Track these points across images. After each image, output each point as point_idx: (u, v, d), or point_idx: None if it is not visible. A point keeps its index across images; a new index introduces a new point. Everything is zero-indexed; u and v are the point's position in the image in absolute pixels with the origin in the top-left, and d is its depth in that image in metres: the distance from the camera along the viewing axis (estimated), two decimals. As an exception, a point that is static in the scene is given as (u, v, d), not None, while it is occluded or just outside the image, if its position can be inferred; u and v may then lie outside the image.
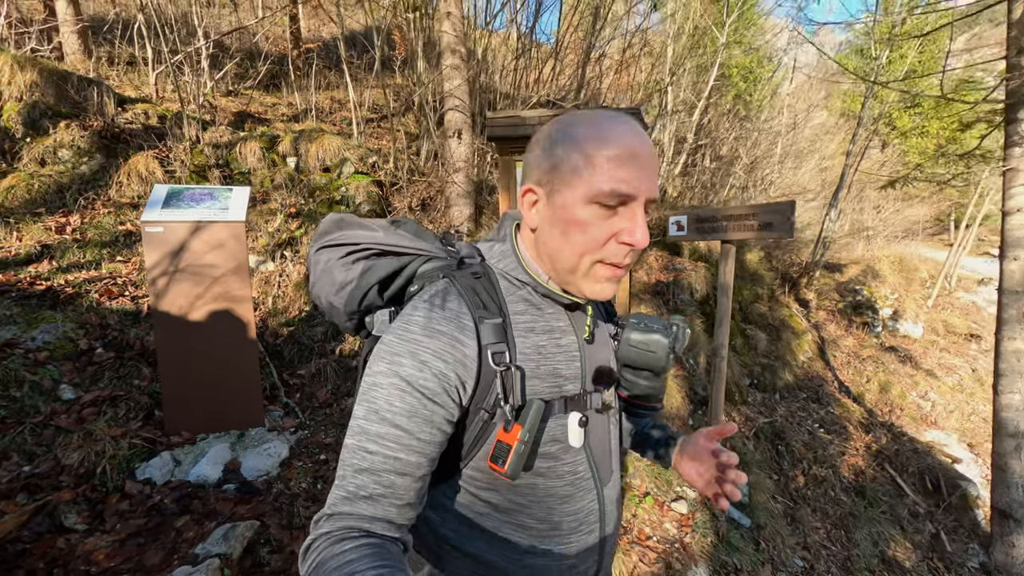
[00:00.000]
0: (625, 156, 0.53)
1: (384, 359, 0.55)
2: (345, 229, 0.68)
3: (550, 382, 0.61)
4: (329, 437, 2.32)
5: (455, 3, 3.47)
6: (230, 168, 3.76)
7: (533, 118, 2.52)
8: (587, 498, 0.65)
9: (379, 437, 0.52)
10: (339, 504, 0.51)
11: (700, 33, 7.41)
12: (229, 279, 2.17)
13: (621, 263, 0.57)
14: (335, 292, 0.67)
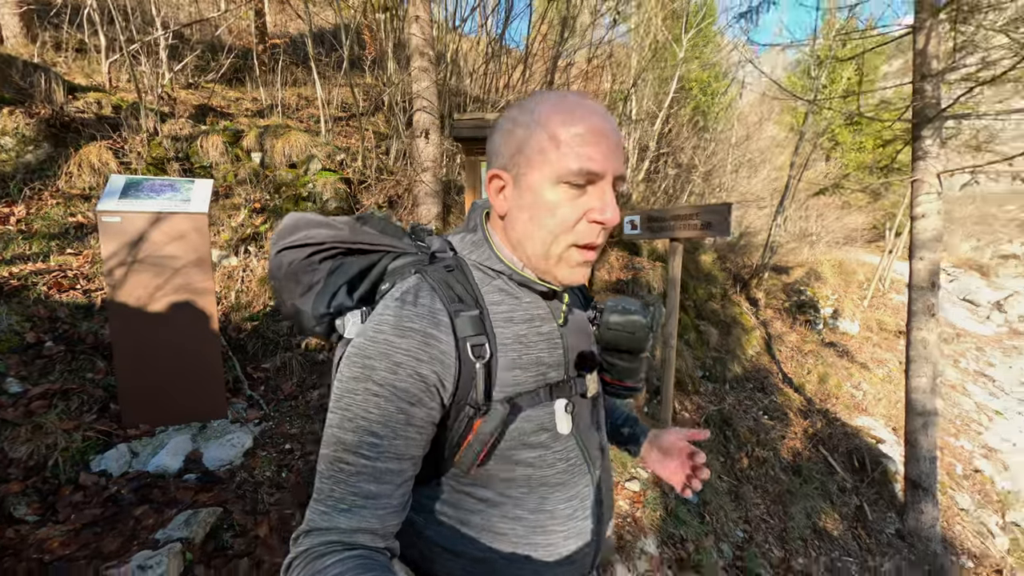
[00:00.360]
0: (591, 134, 0.53)
1: (356, 364, 0.52)
2: (307, 229, 0.65)
3: (533, 371, 0.60)
4: (294, 428, 2.34)
5: (423, 7, 3.56)
6: (190, 162, 3.67)
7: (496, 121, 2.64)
8: (581, 483, 0.64)
9: (356, 446, 0.50)
10: (318, 520, 0.50)
11: (661, 47, 7.80)
12: (191, 271, 2.16)
13: (594, 243, 0.57)
14: (300, 295, 0.64)
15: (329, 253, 0.63)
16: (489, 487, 0.59)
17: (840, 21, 6.39)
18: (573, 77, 7.93)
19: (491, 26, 6.18)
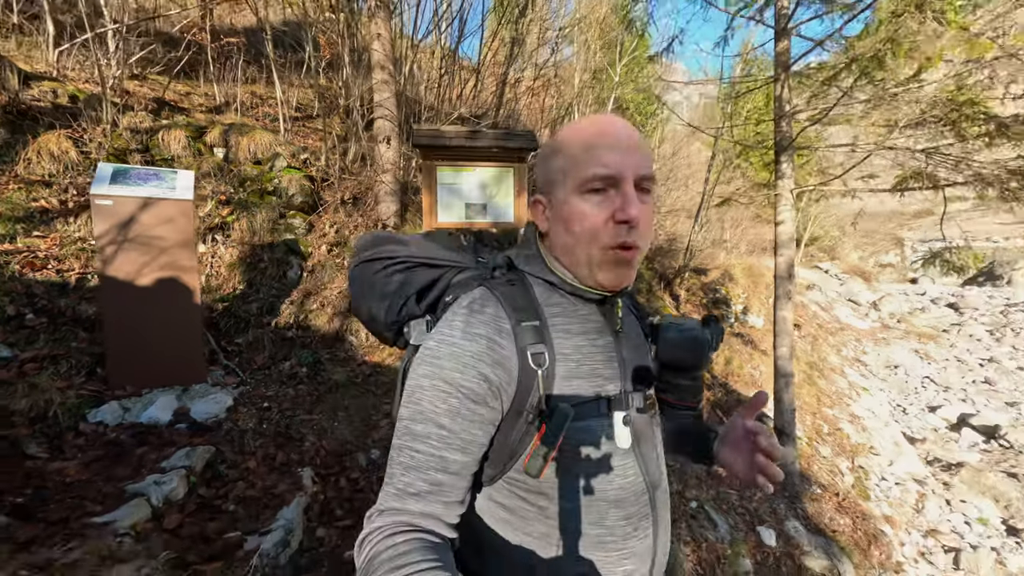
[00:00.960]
0: (602, 143, 0.58)
1: (427, 363, 0.57)
2: (382, 245, 0.74)
3: (591, 381, 0.62)
4: (270, 391, 2.66)
5: (384, 26, 3.98)
6: (151, 154, 3.80)
7: (451, 132, 3.13)
8: (639, 502, 0.64)
9: (425, 437, 0.55)
10: (390, 500, 0.54)
11: (599, 70, 8.69)
12: (176, 251, 2.44)
13: (626, 242, 0.59)
14: (376, 303, 0.72)
15: (400, 266, 0.71)
16: (548, 496, 0.60)
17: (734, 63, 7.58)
18: (521, 92, 8.60)
19: (445, 41, 6.65)
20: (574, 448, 0.60)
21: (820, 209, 14.62)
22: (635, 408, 0.65)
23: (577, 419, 0.58)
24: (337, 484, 2.12)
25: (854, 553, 3.26)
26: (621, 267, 0.61)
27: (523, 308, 0.62)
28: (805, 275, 14.91)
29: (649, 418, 0.68)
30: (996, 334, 11.49)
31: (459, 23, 6.62)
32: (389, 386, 2.95)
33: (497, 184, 3.19)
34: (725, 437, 0.74)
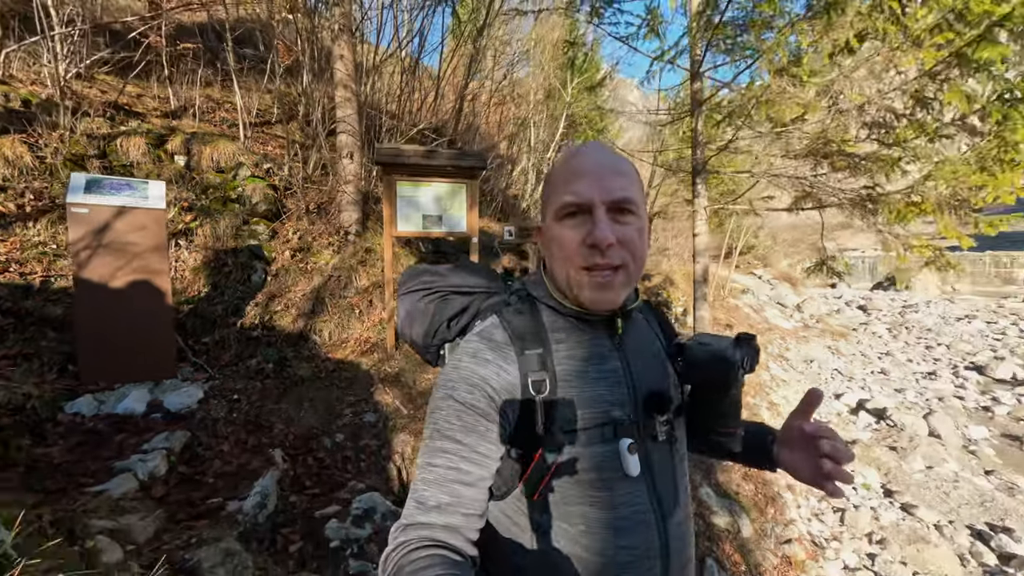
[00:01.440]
0: (574, 173, 0.63)
1: (443, 386, 0.62)
2: (420, 277, 0.81)
3: (594, 407, 0.62)
4: (238, 385, 2.88)
5: (348, 48, 4.27)
6: (109, 160, 3.85)
7: (410, 151, 3.49)
8: (646, 533, 0.63)
9: (442, 451, 0.58)
10: (413, 514, 0.57)
11: (553, 89, 9.31)
12: (149, 255, 2.63)
13: (597, 263, 0.61)
14: (417, 329, 0.78)
15: (435, 295, 0.78)
16: (552, 517, 0.62)
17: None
18: (480, 107, 9.05)
19: (407, 59, 6.96)
20: (579, 473, 0.61)
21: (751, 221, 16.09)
22: (648, 434, 0.65)
23: (580, 444, 0.60)
24: (305, 462, 2.41)
25: (752, 511, 3.89)
26: (599, 287, 0.62)
27: (527, 336, 0.65)
28: (741, 280, 16.35)
29: (668, 445, 0.67)
30: (893, 331, 13.23)
31: (419, 40, 6.97)
32: (351, 380, 3.24)
33: (451, 198, 3.58)
34: (784, 439, 0.72)
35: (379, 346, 3.59)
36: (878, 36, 3.03)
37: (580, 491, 0.61)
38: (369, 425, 2.81)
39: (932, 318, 14.17)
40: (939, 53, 2.75)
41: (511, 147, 9.52)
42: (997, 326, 12.50)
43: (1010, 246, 22.29)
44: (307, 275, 3.89)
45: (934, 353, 11.28)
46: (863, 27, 3.03)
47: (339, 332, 3.63)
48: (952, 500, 5.57)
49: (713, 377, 0.66)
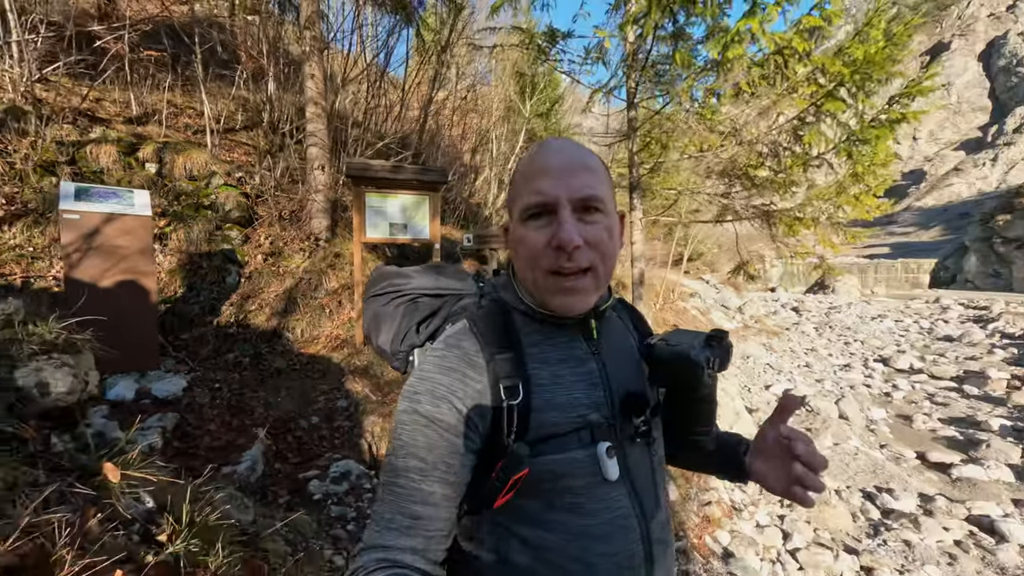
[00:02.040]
0: (539, 170, 0.60)
1: (406, 398, 0.59)
2: (388, 279, 0.78)
3: (571, 411, 0.61)
4: (218, 376, 3.16)
5: (318, 68, 4.61)
6: (79, 166, 3.99)
7: (377, 166, 3.89)
8: (628, 538, 0.61)
9: (404, 470, 0.56)
10: (372, 538, 0.55)
11: (512, 104, 9.91)
12: (136, 258, 2.89)
13: (563, 267, 0.58)
14: (384, 335, 0.76)
15: (404, 299, 0.75)
16: (531, 527, 0.60)
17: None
18: (444, 119, 9.49)
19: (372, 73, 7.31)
20: (555, 480, 0.59)
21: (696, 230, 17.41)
22: (626, 436, 0.63)
23: (554, 451, 0.58)
24: (286, 439, 2.75)
25: (679, 479, 4.53)
26: (566, 292, 0.60)
27: (498, 340, 0.62)
28: (691, 285, 17.62)
29: (645, 447, 0.66)
30: (819, 330, 14.78)
31: (385, 56, 7.35)
32: (324, 372, 3.58)
33: (416, 208, 4.01)
34: (757, 449, 0.71)
35: (349, 342, 3.94)
36: (770, 82, 3.79)
37: (557, 498, 0.59)
38: (342, 409, 3.18)
39: (852, 318, 15.93)
40: (805, 102, 3.52)
41: (474, 157, 10.02)
42: (903, 324, 14.30)
43: (918, 254, 25.30)
44: (279, 277, 4.17)
45: (850, 348, 12.76)
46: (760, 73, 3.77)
47: (311, 329, 3.94)
48: (851, 469, 6.54)
49: (681, 378, 0.64)
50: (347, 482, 2.36)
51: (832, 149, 3.38)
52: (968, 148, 41.15)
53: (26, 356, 1.09)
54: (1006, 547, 4.34)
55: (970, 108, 44.18)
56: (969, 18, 49.32)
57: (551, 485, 0.59)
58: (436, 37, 7.06)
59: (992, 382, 8.78)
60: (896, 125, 3.14)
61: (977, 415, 7.58)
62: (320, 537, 1.83)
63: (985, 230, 20.51)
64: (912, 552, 4.46)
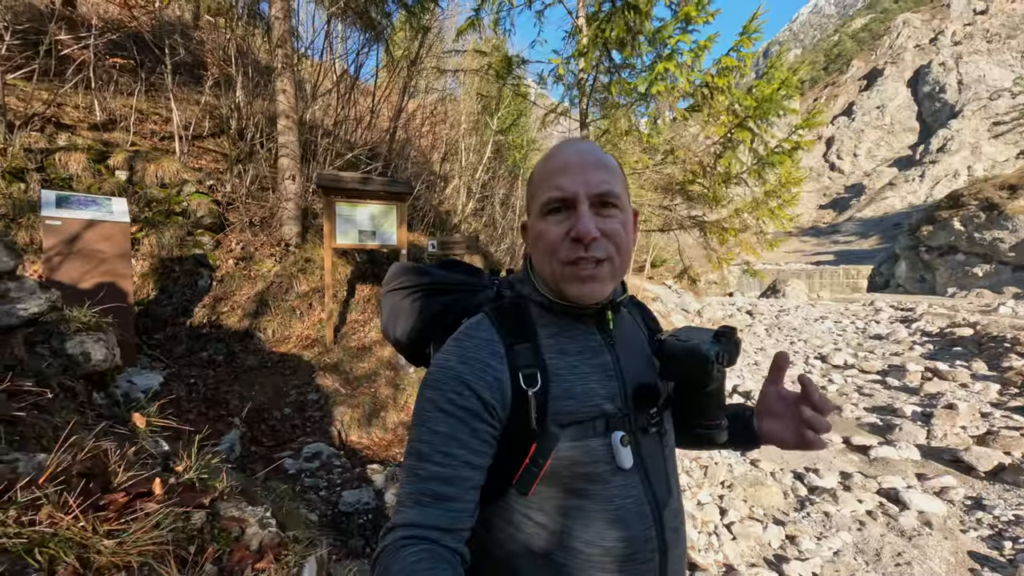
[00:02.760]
0: (557, 168, 0.64)
1: (429, 387, 0.62)
2: (405, 275, 0.82)
3: (586, 401, 0.63)
4: (193, 372, 3.35)
5: (290, 83, 4.88)
6: (47, 173, 4.08)
7: (348, 178, 4.20)
8: (641, 524, 0.64)
9: (429, 455, 0.58)
10: (399, 517, 0.57)
11: (479, 118, 10.37)
12: (114, 261, 3.07)
13: (581, 257, 0.62)
14: (401, 327, 0.80)
15: (419, 293, 0.79)
16: (548, 513, 0.62)
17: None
18: (414, 128, 9.81)
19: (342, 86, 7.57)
20: (572, 467, 0.61)
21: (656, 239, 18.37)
22: (638, 427, 0.66)
23: (573, 439, 0.61)
24: (260, 427, 3.00)
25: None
26: (584, 282, 0.63)
27: (517, 330, 0.66)
28: (653, 289, 18.53)
29: (658, 436, 0.69)
30: (769, 331, 15.91)
31: (355, 68, 7.63)
32: (295, 368, 3.82)
33: (384, 216, 4.33)
34: (762, 410, 0.73)
35: (319, 341, 4.19)
36: (699, 110, 4.38)
37: (575, 486, 0.62)
38: (312, 402, 3.44)
39: (798, 320, 17.23)
40: (724, 129, 4.12)
41: (444, 166, 10.38)
42: (841, 324, 15.63)
43: (858, 261, 27.55)
44: (251, 281, 4.37)
45: (795, 347, 13.84)
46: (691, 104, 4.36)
47: (282, 330, 4.17)
48: (786, 454, 7.26)
49: (691, 372, 0.66)
50: (318, 460, 2.65)
51: (745, 171, 3.99)
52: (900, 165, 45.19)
53: (72, 332, 1.36)
54: (907, 513, 5.03)
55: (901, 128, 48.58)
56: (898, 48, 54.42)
57: (569, 472, 0.62)
58: (405, 53, 7.41)
59: (909, 374, 9.84)
60: (794, 152, 3.76)
61: (895, 403, 8.53)
62: (295, 500, 2.13)
63: (912, 239, 22.67)
64: (829, 521, 5.08)
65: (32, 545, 0.79)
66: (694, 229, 5.50)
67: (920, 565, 4.05)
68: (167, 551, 0.92)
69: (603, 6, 3.46)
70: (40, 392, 1.08)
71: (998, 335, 11.13)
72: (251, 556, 1.07)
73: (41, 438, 1.00)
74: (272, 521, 1.21)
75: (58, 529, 0.84)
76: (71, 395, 1.25)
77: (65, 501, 0.89)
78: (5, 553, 0.77)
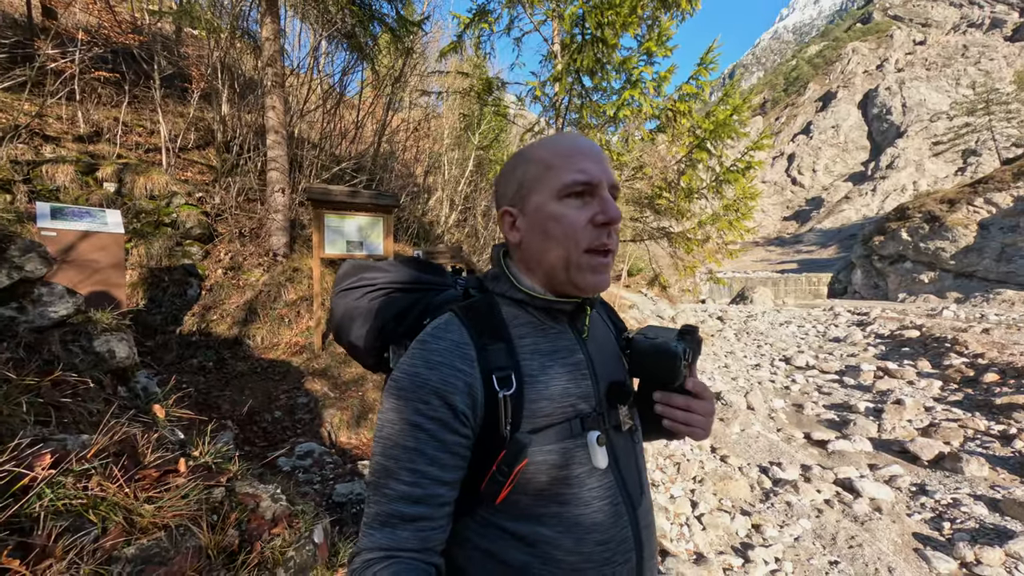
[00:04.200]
0: (577, 152, 0.61)
1: (392, 396, 0.57)
2: (360, 273, 0.75)
3: (562, 401, 0.61)
4: (184, 378, 3.39)
5: (279, 100, 4.99)
6: (34, 184, 4.06)
7: (336, 191, 4.33)
8: (618, 524, 0.62)
9: (396, 472, 0.54)
10: (365, 542, 0.54)
11: (461, 133, 10.62)
12: (108, 271, 3.11)
13: (605, 244, 0.61)
14: (357, 330, 0.72)
15: (378, 293, 0.72)
16: (524, 523, 0.59)
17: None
18: (397, 142, 9.97)
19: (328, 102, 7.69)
20: (548, 471, 0.58)
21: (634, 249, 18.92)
22: (611, 425, 0.64)
23: (548, 441, 0.58)
24: (253, 429, 3.07)
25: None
26: (599, 270, 0.62)
27: (489, 331, 0.61)
28: (630, 297, 19.00)
29: (629, 435, 0.68)
30: (738, 336, 16.54)
31: (341, 86, 7.77)
32: (284, 374, 3.89)
33: (371, 227, 4.47)
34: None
35: (308, 348, 4.26)
36: (664, 131, 4.72)
37: (551, 490, 0.59)
38: (302, 405, 3.52)
39: (764, 324, 17.96)
40: (685, 149, 4.45)
41: (427, 179, 10.54)
42: (803, 328, 16.40)
43: (819, 269, 28.94)
44: (240, 290, 4.42)
45: (761, 350, 14.43)
46: (657, 125, 4.69)
47: (271, 337, 4.22)
48: (752, 450, 7.59)
49: (659, 369, 0.66)
50: (311, 458, 2.75)
51: (705, 187, 4.32)
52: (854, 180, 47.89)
53: (99, 332, 1.46)
54: (860, 500, 5.38)
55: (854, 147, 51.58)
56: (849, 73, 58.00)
57: (545, 476, 0.59)
58: (390, 71, 7.61)
59: (863, 373, 10.44)
60: (747, 171, 4.12)
61: (850, 401, 9.04)
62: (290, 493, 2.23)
63: (866, 249, 24.04)
64: (791, 510, 5.38)
65: (88, 506, 0.93)
66: (663, 239, 5.83)
67: (870, 547, 4.36)
68: (198, 516, 1.06)
69: (575, 37, 3.75)
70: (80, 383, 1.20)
71: (940, 336, 11.95)
72: (266, 524, 1.21)
73: (80, 423, 1.12)
74: (283, 497, 1.34)
75: (107, 495, 0.97)
76: (101, 387, 1.35)
77: (111, 472, 1.02)
78: (68, 512, 0.90)
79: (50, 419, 1.05)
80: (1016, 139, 31.09)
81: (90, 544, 0.87)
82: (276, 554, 1.11)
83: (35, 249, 1.47)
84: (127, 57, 6.24)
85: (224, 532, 1.09)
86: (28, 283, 1.42)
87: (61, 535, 0.85)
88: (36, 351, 1.26)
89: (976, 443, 6.49)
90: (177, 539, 0.98)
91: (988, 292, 18.85)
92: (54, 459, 0.95)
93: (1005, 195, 19.76)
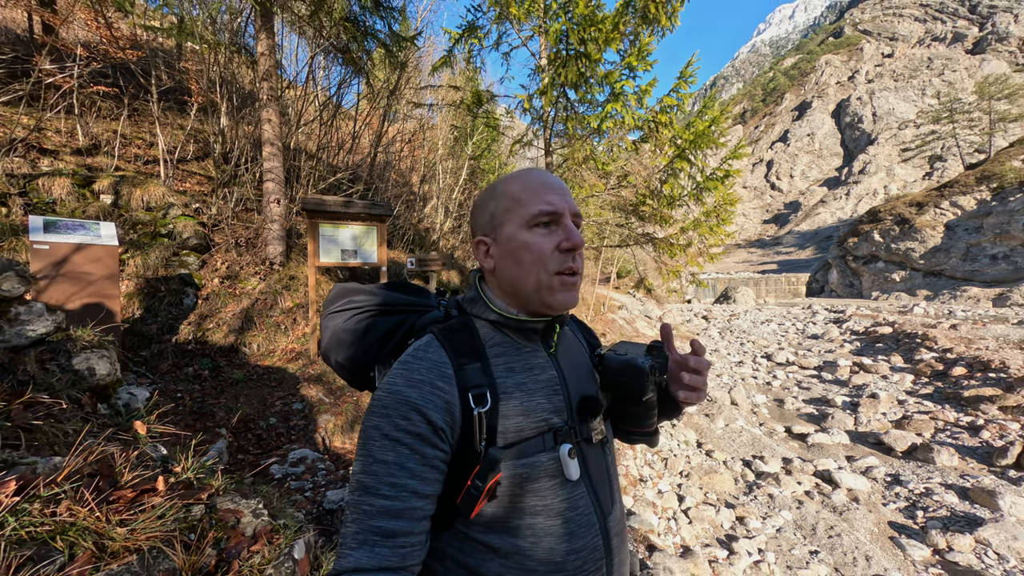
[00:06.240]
0: (543, 186, 0.65)
1: (374, 413, 0.57)
2: (348, 296, 0.76)
3: (536, 416, 0.62)
4: (180, 387, 3.30)
5: (275, 113, 4.92)
6: (30, 197, 3.96)
7: (331, 201, 4.27)
8: (589, 534, 0.63)
9: (375, 488, 0.54)
10: (342, 560, 0.52)
11: (456, 141, 10.59)
12: (103, 282, 3.03)
13: (572, 267, 0.64)
14: (344, 351, 0.73)
15: (365, 315, 0.73)
16: (498, 535, 0.59)
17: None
18: (394, 152, 9.92)
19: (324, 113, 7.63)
20: (521, 484, 0.59)
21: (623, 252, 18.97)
22: (583, 438, 0.66)
23: (522, 455, 0.60)
24: (247, 436, 2.99)
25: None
26: (567, 289, 0.64)
27: (466, 351, 0.63)
28: (619, 298, 19.07)
29: (600, 446, 0.69)
30: (722, 334, 16.62)
31: (336, 97, 7.70)
32: (280, 380, 3.81)
33: (365, 236, 4.41)
34: (671, 379, 0.75)
35: (303, 354, 4.18)
36: (647, 141, 4.71)
37: (524, 502, 0.60)
38: (297, 411, 3.45)
39: (747, 323, 18.08)
40: (667, 159, 4.45)
41: (423, 186, 10.49)
42: (784, 326, 16.53)
43: (798, 269, 29.24)
44: (236, 298, 4.33)
45: (744, 348, 14.53)
46: (640, 135, 4.69)
47: (267, 344, 4.14)
48: (736, 444, 7.59)
49: (629, 384, 0.67)
50: (304, 465, 2.68)
51: (687, 194, 4.32)
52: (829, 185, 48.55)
53: (78, 349, 1.40)
54: (838, 491, 5.39)
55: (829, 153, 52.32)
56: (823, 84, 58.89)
57: (519, 489, 0.60)
58: (385, 84, 7.56)
59: (840, 368, 10.53)
60: (725, 179, 4.13)
61: (828, 395, 9.10)
62: (281, 501, 2.16)
63: (841, 250, 24.33)
64: (773, 502, 5.38)
65: (55, 532, 0.88)
66: (647, 245, 5.82)
67: (848, 536, 4.36)
68: (173, 537, 1.01)
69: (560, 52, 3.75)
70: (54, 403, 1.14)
71: (911, 332, 12.07)
72: (246, 541, 1.15)
73: (54, 444, 1.06)
74: (264, 512, 1.29)
75: (76, 519, 0.92)
76: (79, 406, 1.29)
77: (82, 495, 0.96)
78: (32, 540, 0.85)
79: (20, 442, 0.99)
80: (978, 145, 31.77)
81: (55, 573, 0.82)
82: (254, 572, 1.06)
83: (12, 268, 1.41)
84: (126, 71, 6.14)
85: (201, 552, 1.03)
86: (5, 302, 1.36)
87: (23, 565, 0.80)
88: (10, 371, 1.20)
89: (946, 434, 6.55)
90: (150, 563, 0.93)
91: (955, 289, 19.15)
92: (19, 484, 0.89)
93: (969, 198, 20.13)
